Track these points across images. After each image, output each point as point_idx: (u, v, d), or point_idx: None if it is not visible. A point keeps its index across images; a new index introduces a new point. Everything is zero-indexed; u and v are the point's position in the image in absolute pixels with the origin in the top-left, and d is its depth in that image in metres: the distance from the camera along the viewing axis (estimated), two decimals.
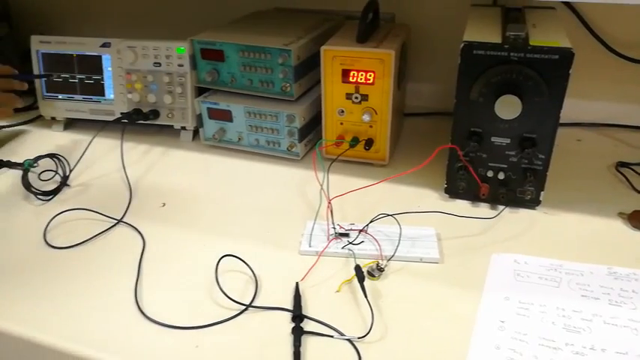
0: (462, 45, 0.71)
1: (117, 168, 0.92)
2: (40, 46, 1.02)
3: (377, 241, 0.70)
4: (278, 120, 0.91)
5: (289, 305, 0.62)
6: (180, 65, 0.96)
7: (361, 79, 0.84)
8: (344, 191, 0.78)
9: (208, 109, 0.95)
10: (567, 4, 0.97)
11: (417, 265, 0.68)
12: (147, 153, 0.98)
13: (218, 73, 0.94)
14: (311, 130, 0.95)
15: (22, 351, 0.61)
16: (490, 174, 0.77)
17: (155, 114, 1.00)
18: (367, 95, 0.85)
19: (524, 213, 0.78)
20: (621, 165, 0.88)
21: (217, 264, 0.66)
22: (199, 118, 0.97)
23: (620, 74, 1.00)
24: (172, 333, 0.59)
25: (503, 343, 0.56)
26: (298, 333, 0.57)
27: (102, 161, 0.95)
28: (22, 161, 0.87)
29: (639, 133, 0.99)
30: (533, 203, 0.78)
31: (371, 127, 0.88)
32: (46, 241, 0.74)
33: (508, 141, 0.75)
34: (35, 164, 0.85)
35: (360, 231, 0.72)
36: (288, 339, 0.57)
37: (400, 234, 0.71)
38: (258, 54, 0.89)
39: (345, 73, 0.85)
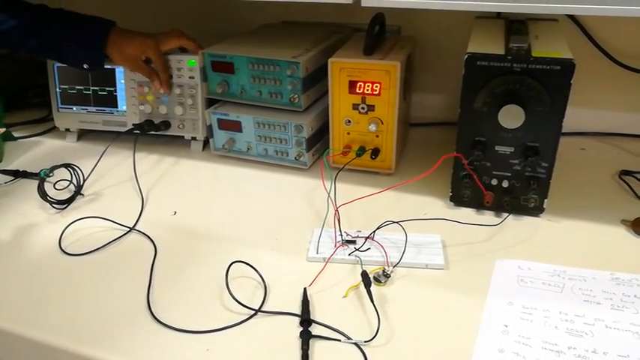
0: (466, 56, 0.73)
1: (129, 177, 0.94)
2: None
3: (383, 248, 0.72)
4: (286, 130, 0.93)
5: (297, 310, 0.63)
6: (191, 77, 0.99)
7: (368, 90, 0.86)
8: (350, 199, 0.79)
9: (218, 119, 0.98)
10: (570, 16, 0.98)
11: (423, 272, 0.69)
12: (158, 163, 1.00)
13: (228, 84, 0.97)
14: (318, 139, 0.97)
15: (36, 354, 0.63)
16: (494, 182, 0.79)
17: (166, 125, 1.02)
18: (373, 106, 0.87)
19: (528, 220, 0.79)
20: (624, 173, 0.89)
21: (227, 270, 0.67)
22: (209, 129, 0.99)
23: (623, 84, 1.01)
24: (184, 337, 0.60)
25: (507, 346, 0.57)
26: (306, 337, 0.59)
27: (114, 171, 0.97)
28: (37, 171, 0.89)
29: None
30: (536, 211, 0.79)
31: (377, 136, 0.90)
32: (61, 248, 0.76)
33: (512, 150, 0.76)
34: (51, 174, 0.87)
35: (367, 238, 0.74)
36: (297, 343, 0.59)
37: (406, 241, 0.72)
38: (267, 66, 0.92)
39: (352, 85, 0.87)
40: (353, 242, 0.74)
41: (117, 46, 0.95)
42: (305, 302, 0.64)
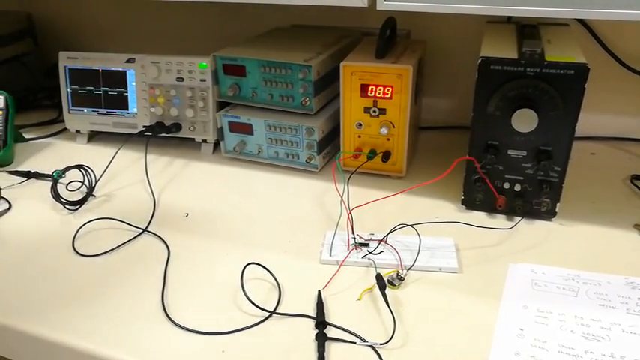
0: (480, 60, 0.73)
1: (140, 179, 0.94)
2: (67, 61, 1.06)
3: (396, 251, 0.72)
4: (297, 133, 0.93)
5: (312, 312, 0.63)
6: (203, 80, 0.99)
7: (379, 93, 0.86)
8: (362, 202, 0.79)
9: (229, 122, 0.98)
10: (580, 20, 0.99)
11: (437, 275, 0.69)
12: (169, 165, 1.01)
13: (239, 87, 0.97)
14: (329, 142, 0.97)
15: (51, 354, 0.63)
16: (507, 186, 0.79)
17: (177, 127, 1.03)
18: (385, 109, 0.87)
19: (540, 224, 0.79)
20: (636, 178, 0.89)
21: (243, 271, 0.68)
22: (220, 132, 0.99)
23: (633, 89, 1.01)
24: (199, 338, 0.61)
25: (523, 350, 0.57)
26: (322, 339, 0.59)
27: (125, 173, 0.97)
28: (48, 173, 0.89)
29: None
30: (549, 215, 0.79)
31: (388, 140, 0.90)
32: (74, 249, 0.76)
33: (524, 154, 0.76)
34: (63, 175, 0.87)
35: (380, 241, 0.74)
36: (312, 345, 0.59)
37: (420, 244, 0.72)
38: (279, 69, 0.92)
39: (364, 88, 0.87)
40: (366, 245, 0.74)
41: None
42: (320, 304, 0.64)
